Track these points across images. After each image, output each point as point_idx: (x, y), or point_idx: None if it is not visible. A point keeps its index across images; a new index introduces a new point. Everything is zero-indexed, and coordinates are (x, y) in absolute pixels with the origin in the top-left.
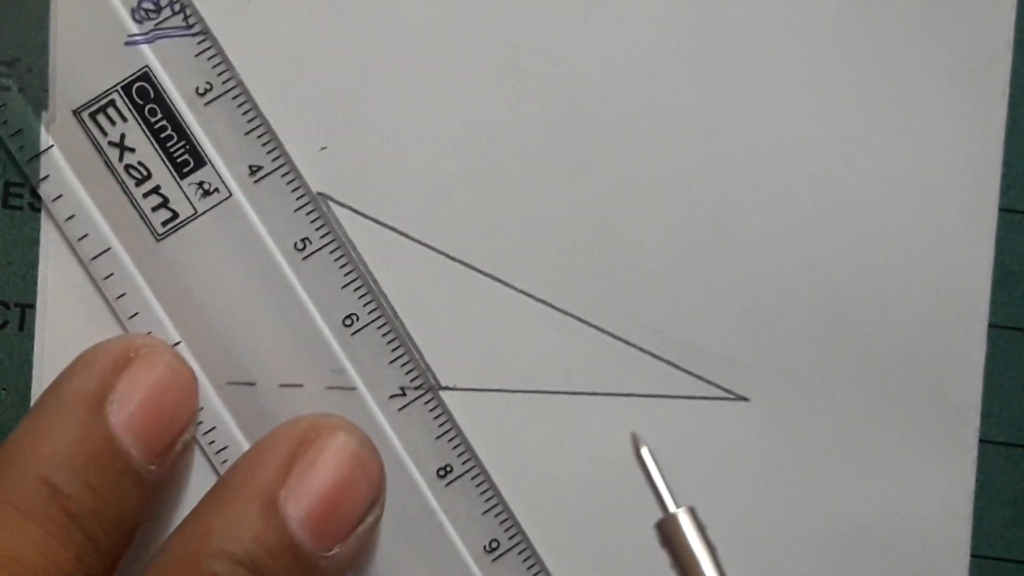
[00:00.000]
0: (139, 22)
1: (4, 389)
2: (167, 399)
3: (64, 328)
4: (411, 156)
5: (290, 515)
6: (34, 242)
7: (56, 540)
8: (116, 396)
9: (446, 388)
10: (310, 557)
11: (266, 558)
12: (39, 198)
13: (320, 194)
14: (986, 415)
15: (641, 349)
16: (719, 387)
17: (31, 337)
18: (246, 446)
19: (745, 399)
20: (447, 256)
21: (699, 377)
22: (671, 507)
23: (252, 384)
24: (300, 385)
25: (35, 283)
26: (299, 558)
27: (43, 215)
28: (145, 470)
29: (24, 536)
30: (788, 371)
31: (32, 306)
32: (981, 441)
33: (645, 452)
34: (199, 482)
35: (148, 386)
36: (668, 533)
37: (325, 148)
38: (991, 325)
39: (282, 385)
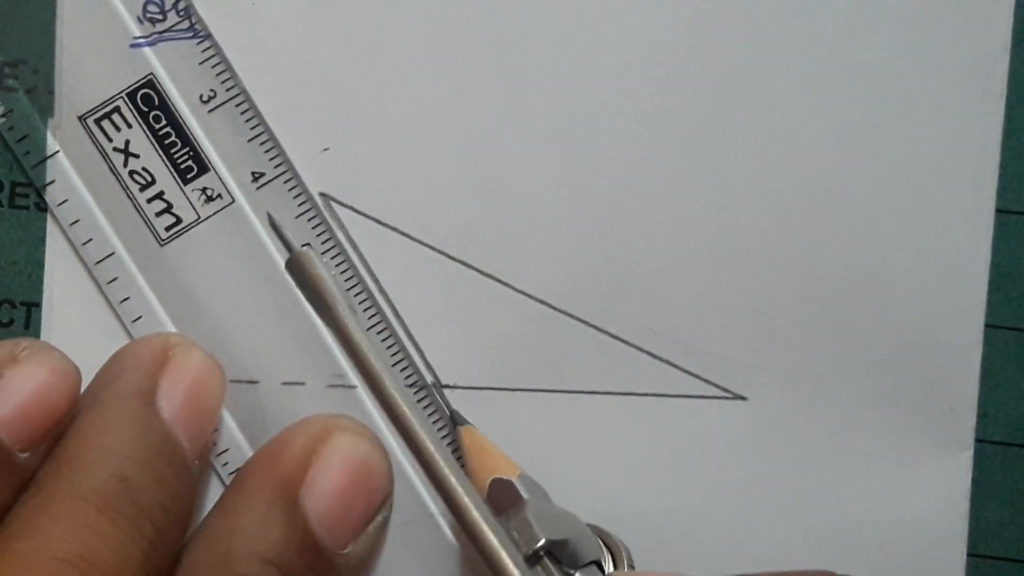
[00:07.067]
0: (143, 26)
1: None
2: (204, 395)
3: (70, 326)
4: (412, 157)
5: (310, 514)
6: (40, 242)
7: (127, 536)
8: (163, 392)
9: (447, 387)
10: (327, 554)
11: (293, 557)
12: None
13: (322, 195)
14: (982, 414)
15: (640, 349)
16: (717, 386)
17: (37, 335)
18: (247, 448)
19: (743, 398)
20: (447, 256)
21: (697, 376)
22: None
23: (255, 382)
24: (302, 383)
25: (41, 282)
26: (320, 555)
27: (49, 215)
28: (194, 465)
29: (96, 533)
30: (786, 370)
31: (38, 305)
32: (977, 440)
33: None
34: (201, 485)
35: (188, 383)
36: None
37: (327, 149)
38: (987, 325)
39: (284, 383)
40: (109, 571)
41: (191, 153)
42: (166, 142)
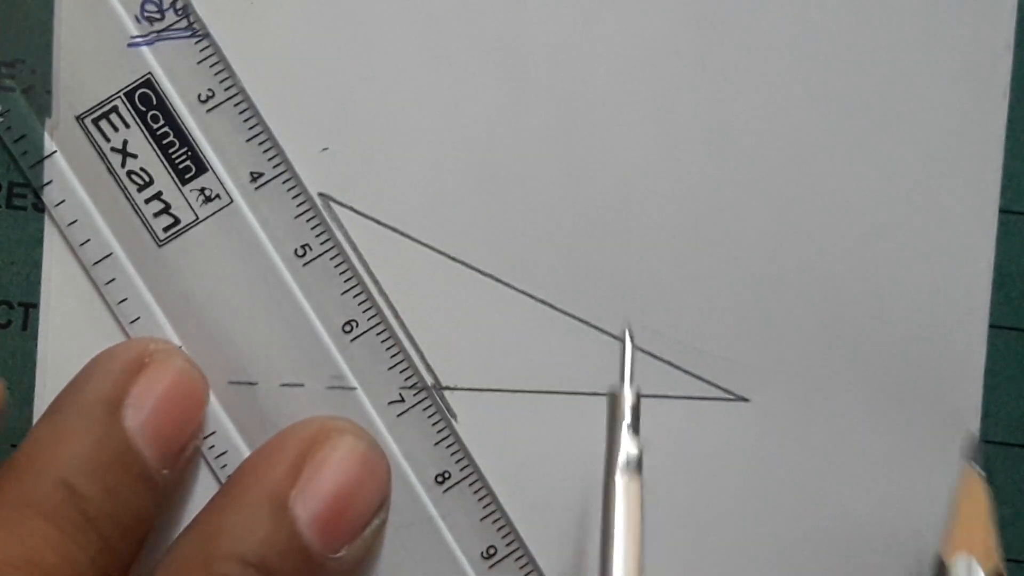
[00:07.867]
0: (141, 25)
1: (8, 388)
2: (179, 404)
3: (68, 328)
4: (412, 156)
5: (299, 516)
6: (38, 242)
7: (73, 542)
8: (131, 401)
9: (446, 388)
10: (318, 559)
11: (276, 559)
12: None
13: (322, 195)
14: (985, 415)
15: (641, 350)
16: (719, 387)
17: (34, 336)
18: (246, 451)
19: (745, 399)
20: (447, 256)
21: (699, 377)
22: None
23: (253, 384)
24: (301, 385)
25: (38, 283)
26: (308, 560)
27: (46, 215)
28: (159, 475)
29: (42, 538)
30: (788, 371)
31: (36, 305)
32: (980, 441)
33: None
34: (199, 488)
35: (161, 391)
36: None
37: (327, 149)
38: (991, 326)
39: (283, 385)
40: (55, 574)
41: (189, 153)
42: (164, 142)
